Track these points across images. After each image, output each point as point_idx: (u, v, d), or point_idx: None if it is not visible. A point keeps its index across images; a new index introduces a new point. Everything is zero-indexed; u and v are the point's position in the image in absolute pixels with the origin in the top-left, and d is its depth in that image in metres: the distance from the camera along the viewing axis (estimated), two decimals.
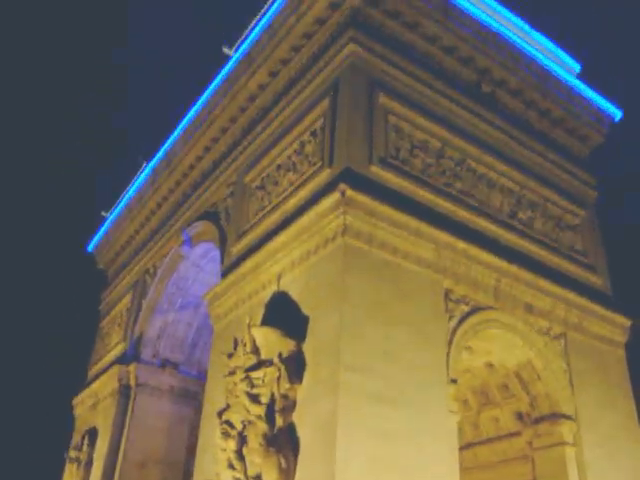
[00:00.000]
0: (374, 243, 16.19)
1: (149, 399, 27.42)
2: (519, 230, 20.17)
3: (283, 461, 14.49)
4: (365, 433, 13.95)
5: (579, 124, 24.10)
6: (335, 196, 16.05)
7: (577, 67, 25.47)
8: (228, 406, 15.88)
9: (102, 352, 31.96)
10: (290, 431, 14.96)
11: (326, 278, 15.94)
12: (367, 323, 15.14)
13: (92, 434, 28.06)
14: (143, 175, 31.11)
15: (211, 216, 24.51)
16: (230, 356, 16.89)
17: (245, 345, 16.41)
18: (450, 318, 16.98)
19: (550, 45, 24.69)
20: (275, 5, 22.12)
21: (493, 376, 20.06)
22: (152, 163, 30.34)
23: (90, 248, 36.99)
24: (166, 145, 28.99)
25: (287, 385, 15.30)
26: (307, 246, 16.90)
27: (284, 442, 14.80)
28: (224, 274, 20.99)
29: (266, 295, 18.10)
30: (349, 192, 15.94)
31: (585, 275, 21.37)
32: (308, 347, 15.57)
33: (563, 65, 24.60)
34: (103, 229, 35.34)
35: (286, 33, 21.47)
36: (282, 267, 17.75)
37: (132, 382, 27.40)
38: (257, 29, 22.92)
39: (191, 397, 28.17)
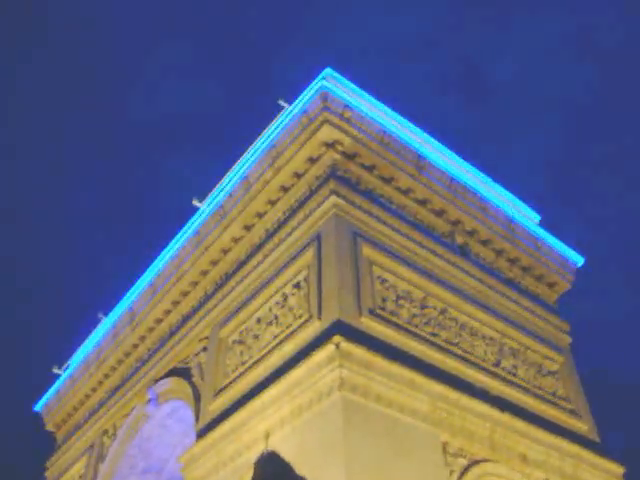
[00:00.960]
0: (370, 397, 15.61)
1: None
2: (505, 378, 19.97)
3: None
4: None
5: (546, 271, 24.75)
6: (329, 348, 15.57)
7: (537, 217, 26.50)
8: None
9: None
10: None
11: (324, 436, 15.09)
12: None
13: None
14: (102, 330, 29.94)
15: (181, 372, 23.43)
16: None
17: None
18: (450, 473, 16.31)
19: (511, 196, 25.72)
20: (250, 158, 22.45)
21: None
22: (112, 317, 29.29)
23: (38, 407, 34.50)
24: (129, 298, 28.15)
25: None
26: (299, 401, 16.14)
27: None
28: (201, 434, 19.80)
29: (252, 455, 17.00)
30: (344, 344, 15.52)
31: (571, 422, 21.10)
32: None
33: (525, 215, 25.55)
34: (55, 387, 33.21)
35: (262, 186, 21.72)
36: (270, 424, 16.82)
37: None
38: (231, 182, 23.10)
39: None
